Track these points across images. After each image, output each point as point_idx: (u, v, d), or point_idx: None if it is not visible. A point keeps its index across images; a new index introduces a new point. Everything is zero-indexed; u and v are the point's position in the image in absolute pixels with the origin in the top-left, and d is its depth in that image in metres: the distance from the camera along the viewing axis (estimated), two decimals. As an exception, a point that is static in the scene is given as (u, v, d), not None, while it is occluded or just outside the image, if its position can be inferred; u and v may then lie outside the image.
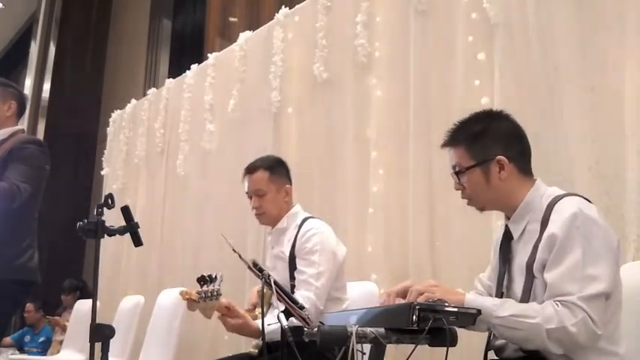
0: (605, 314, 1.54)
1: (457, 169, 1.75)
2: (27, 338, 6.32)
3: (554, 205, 1.63)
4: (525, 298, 1.62)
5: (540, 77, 2.49)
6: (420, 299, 1.55)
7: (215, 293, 2.12)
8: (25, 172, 2.66)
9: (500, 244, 1.78)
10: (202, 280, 2.13)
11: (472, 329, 1.70)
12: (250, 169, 2.59)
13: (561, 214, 1.59)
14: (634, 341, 1.68)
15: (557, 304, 1.51)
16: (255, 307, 2.52)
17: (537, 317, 1.50)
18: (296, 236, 2.50)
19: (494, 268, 1.83)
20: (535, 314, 1.51)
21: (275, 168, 2.59)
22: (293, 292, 2.41)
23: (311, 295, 2.36)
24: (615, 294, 1.58)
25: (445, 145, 1.80)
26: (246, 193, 2.60)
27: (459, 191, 1.79)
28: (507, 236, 1.75)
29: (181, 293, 2.20)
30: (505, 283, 1.72)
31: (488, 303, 1.57)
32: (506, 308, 1.54)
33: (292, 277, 2.46)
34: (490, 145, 1.72)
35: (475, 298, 1.60)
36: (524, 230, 1.69)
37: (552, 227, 1.59)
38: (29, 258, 2.71)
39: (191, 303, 2.18)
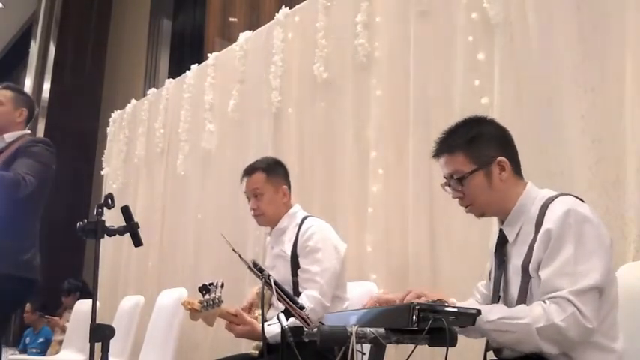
0: (601, 310, 1.54)
1: (457, 177, 1.75)
2: (27, 339, 6.31)
3: (547, 205, 1.65)
4: (522, 299, 1.63)
5: (540, 77, 2.49)
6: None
7: (217, 300, 2.12)
8: (31, 165, 2.69)
9: (495, 249, 1.78)
10: (204, 289, 2.14)
11: (465, 334, 1.71)
12: (248, 171, 2.63)
13: (554, 213, 1.61)
14: (634, 341, 1.68)
15: (545, 302, 1.52)
16: (251, 305, 2.52)
17: (527, 317, 1.51)
18: (297, 235, 2.51)
19: (489, 276, 1.84)
20: (524, 315, 1.52)
21: (272, 169, 2.62)
22: (296, 290, 2.41)
23: (316, 293, 2.37)
24: (610, 290, 1.59)
25: (439, 153, 1.79)
26: (245, 193, 2.63)
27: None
28: (502, 240, 1.76)
29: (184, 304, 2.21)
30: (502, 286, 1.73)
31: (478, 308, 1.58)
32: (495, 312, 1.55)
33: (294, 274, 2.47)
34: (487, 148, 1.74)
35: (463, 304, 1.61)
36: (518, 232, 1.71)
37: (547, 225, 1.60)
38: (33, 256, 2.74)
39: (194, 313, 2.18)
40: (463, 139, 1.75)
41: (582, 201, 1.67)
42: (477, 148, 1.74)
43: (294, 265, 2.49)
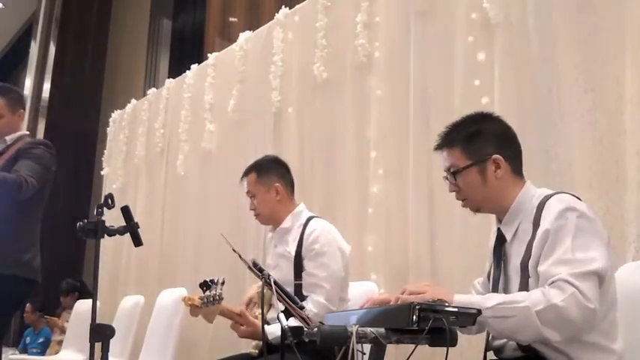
0: (601, 306, 1.53)
1: (453, 170, 1.76)
2: (27, 339, 6.32)
3: (544, 203, 1.65)
4: None
5: (540, 77, 2.49)
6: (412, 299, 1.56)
7: (217, 297, 2.12)
8: (33, 168, 2.72)
9: (494, 248, 1.79)
10: (205, 285, 2.14)
11: (463, 332, 1.71)
12: (245, 172, 2.64)
13: (552, 211, 1.61)
14: (634, 341, 1.68)
15: (545, 287, 1.51)
16: (250, 300, 2.52)
17: (525, 301, 1.49)
18: (301, 236, 2.50)
19: (488, 275, 1.84)
20: (523, 299, 1.51)
21: (263, 169, 2.61)
22: (299, 292, 2.40)
23: (322, 299, 2.36)
24: (609, 287, 1.58)
25: (439, 147, 1.81)
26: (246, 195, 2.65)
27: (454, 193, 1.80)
28: (500, 239, 1.76)
29: (184, 300, 2.21)
30: (501, 285, 1.73)
31: (476, 298, 1.58)
32: (493, 299, 1.54)
33: (297, 277, 2.47)
34: (485, 145, 1.74)
35: (463, 295, 1.60)
36: (516, 231, 1.71)
37: (545, 224, 1.60)
38: (33, 257, 2.75)
39: (194, 309, 2.18)
40: (463, 134, 1.77)
41: (579, 199, 1.67)
42: (475, 144, 1.75)
43: (298, 266, 2.47)
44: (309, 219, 2.55)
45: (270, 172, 2.61)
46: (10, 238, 2.67)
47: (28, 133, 3.05)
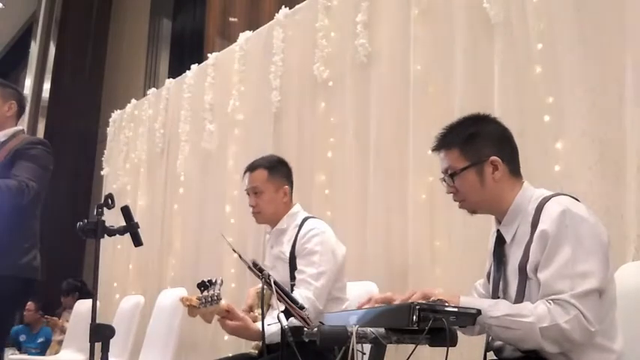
0: (600, 311, 1.54)
1: (450, 172, 1.76)
2: (22, 337, 6.29)
3: (542, 206, 1.65)
4: (519, 299, 1.63)
5: (540, 77, 2.49)
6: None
7: (215, 298, 2.12)
8: (33, 170, 2.69)
9: (494, 250, 1.79)
10: (202, 286, 2.13)
11: (466, 333, 1.71)
12: (251, 167, 2.60)
13: (550, 213, 1.61)
14: (634, 341, 1.68)
15: (549, 303, 1.53)
16: (250, 308, 2.51)
17: (531, 316, 1.51)
18: (296, 236, 2.49)
19: (488, 276, 1.84)
20: (529, 313, 1.52)
21: (275, 168, 2.59)
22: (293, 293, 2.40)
23: (310, 294, 2.35)
24: (608, 290, 1.59)
25: (437, 148, 1.81)
26: (245, 190, 2.61)
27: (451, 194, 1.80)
28: (500, 241, 1.76)
29: (182, 300, 2.20)
30: (501, 287, 1.73)
31: (483, 303, 1.58)
32: (500, 308, 1.55)
33: (293, 278, 2.46)
34: (483, 147, 1.74)
35: (469, 299, 1.61)
36: (515, 233, 1.71)
37: (542, 226, 1.60)
38: (33, 258, 2.74)
39: (192, 309, 2.17)
40: (461, 135, 1.76)
41: (577, 200, 1.67)
42: (473, 146, 1.74)
43: (293, 267, 2.47)
44: (304, 219, 2.54)
45: (281, 173, 2.60)
46: (9, 241, 2.66)
47: (22, 128, 3.00)
